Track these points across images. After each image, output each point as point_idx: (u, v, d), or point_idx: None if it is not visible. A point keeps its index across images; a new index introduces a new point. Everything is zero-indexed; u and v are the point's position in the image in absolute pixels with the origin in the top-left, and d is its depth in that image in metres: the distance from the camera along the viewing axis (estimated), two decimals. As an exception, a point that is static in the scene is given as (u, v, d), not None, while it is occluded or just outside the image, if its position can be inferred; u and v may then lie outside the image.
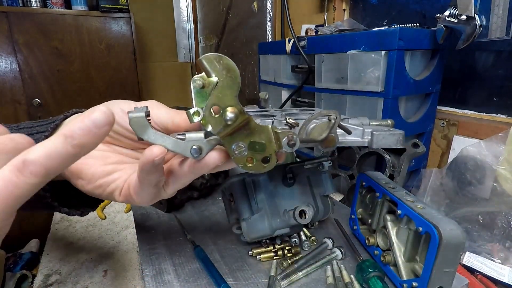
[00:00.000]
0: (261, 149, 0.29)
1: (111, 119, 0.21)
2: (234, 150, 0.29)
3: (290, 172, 0.48)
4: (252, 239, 0.46)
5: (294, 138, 0.29)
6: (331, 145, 0.32)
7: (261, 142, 0.29)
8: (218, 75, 0.27)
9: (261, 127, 0.29)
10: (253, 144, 0.29)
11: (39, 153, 0.18)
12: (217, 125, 0.28)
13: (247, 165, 0.29)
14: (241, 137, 0.28)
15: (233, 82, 0.27)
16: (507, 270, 0.56)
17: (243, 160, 0.29)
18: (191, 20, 2.58)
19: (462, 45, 0.67)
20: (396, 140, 0.34)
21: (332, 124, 0.32)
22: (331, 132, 0.31)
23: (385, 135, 0.34)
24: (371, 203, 0.48)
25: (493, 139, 0.69)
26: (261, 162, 0.29)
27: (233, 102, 0.27)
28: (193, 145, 0.27)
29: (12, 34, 1.72)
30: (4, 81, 1.75)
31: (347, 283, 0.41)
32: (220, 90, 0.27)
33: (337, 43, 0.80)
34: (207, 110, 0.27)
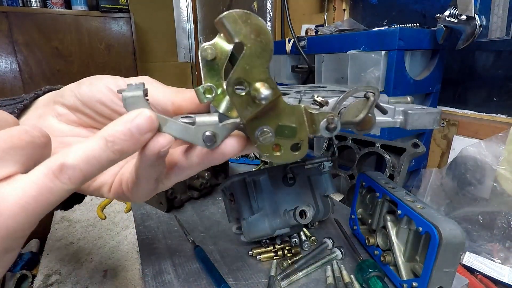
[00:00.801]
0: (291, 134, 0.24)
1: (156, 125, 0.19)
2: (258, 136, 0.23)
3: (291, 172, 0.48)
4: (252, 239, 0.46)
5: (335, 121, 0.24)
6: (367, 128, 0.28)
7: (291, 126, 0.24)
8: (245, 40, 0.21)
9: (291, 107, 0.23)
10: (282, 128, 0.24)
11: (78, 157, 0.17)
12: (243, 106, 0.22)
13: (274, 154, 0.24)
14: (267, 120, 0.23)
15: (263, 49, 0.21)
16: (507, 270, 0.56)
17: (268, 148, 0.24)
18: (191, 20, 2.58)
19: (462, 45, 0.67)
20: (433, 120, 0.29)
21: (371, 103, 0.26)
22: (369, 112, 0.26)
23: (421, 114, 0.29)
24: (371, 203, 0.48)
25: (493, 139, 0.69)
26: (289, 149, 0.24)
27: (264, 75, 0.22)
28: (205, 131, 0.22)
29: (12, 34, 1.72)
30: (4, 81, 1.75)
31: (347, 283, 0.41)
32: (248, 60, 0.21)
33: (337, 43, 0.80)
34: (229, 86, 0.21)
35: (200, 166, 0.25)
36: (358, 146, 0.73)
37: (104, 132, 0.18)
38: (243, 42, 0.21)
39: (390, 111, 0.30)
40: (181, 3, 2.60)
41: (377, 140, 0.69)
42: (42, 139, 0.18)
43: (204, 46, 0.22)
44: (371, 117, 0.27)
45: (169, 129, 0.22)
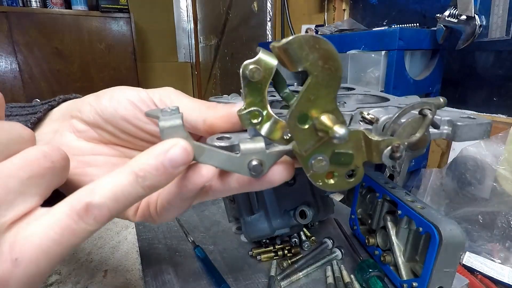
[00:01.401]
0: (347, 161, 0.21)
1: (191, 157, 0.17)
2: (311, 166, 0.21)
3: (290, 172, 0.48)
4: (252, 239, 0.46)
5: (401, 149, 0.21)
6: (422, 147, 0.25)
7: (348, 153, 0.21)
8: (311, 68, 0.18)
9: (349, 133, 0.20)
10: (338, 156, 0.21)
11: (105, 195, 0.15)
12: (306, 140, 0.20)
13: (327, 183, 0.22)
14: (322, 147, 0.21)
15: (332, 77, 0.19)
16: (507, 270, 0.56)
17: (322, 177, 0.22)
18: (191, 20, 2.58)
19: (462, 45, 0.67)
20: (483, 132, 0.26)
21: (428, 121, 0.23)
22: (426, 131, 0.23)
23: (471, 126, 0.26)
24: (371, 203, 0.48)
25: (493, 139, 0.69)
26: (344, 176, 0.22)
27: (331, 106, 0.19)
28: (251, 160, 0.20)
29: (12, 34, 1.72)
30: (4, 81, 1.75)
31: (347, 283, 0.41)
32: (313, 90, 0.19)
33: (337, 43, 0.80)
34: (291, 120, 0.19)
35: (238, 191, 0.23)
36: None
37: (134, 165, 0.16)
38: (308, 70, 0.18)
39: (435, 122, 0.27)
40: (181, 3, 2.61)
41: (377, 140, 0.69)
42: (62, 162, 0.17)
43: (248, 66, 0.19)
44: (426, 135, 0.24)
45: (208, 158, 0.19)
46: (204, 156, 0.19)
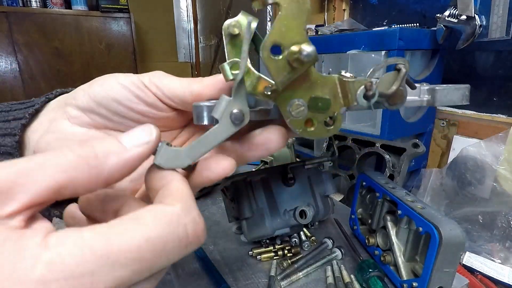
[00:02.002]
0: (325, 106, 0.22)
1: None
2: (290, 111, 0.22)
3: (291, 172, 0.48)
4: (252, 239, 0.46)
5: (373, 88, 0.22)
6: (399, 101, 0.26)
7: (325, 98, 0.22)
8: (282, 0, 0.20)
9: (324, 78, 0.22)
10: (315, 101, 0.22)
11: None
12: (279, 72, 0.20)
13: (307, 130, 0.23)
14: (299, 92, 0.22)
15: (300, 9, 0.20)
16: (507, 270, 0.56)
17: (301, 123, 0.23)
18: (191, 20, 2.58)
19: (462, 45, 0.67)
20: (462, 96, 0.28)
21: (402, 74, 0.25)
22: (401, 84, 0.25)
23: (450, 90, 0.28)
24: (371, 203, 0.48)
25: (493, 139, 0.69)
26: (323, 124, 0.23)
27: (301, 36, 0.20)
28: (232, 109, 0.21)
29: (12, 34, 1.72)
30: (4, 81, 1.75)
31: (347, 283, 0.41)
32: (284, 21, 0.20)
33: (337, 43, 0.80)
34: (264, 50, 0.20)
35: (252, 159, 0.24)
36: (358, 146, 0.73)
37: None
38: (278, 2, 0.20)
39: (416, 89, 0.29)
40: (181, 3, 2.61)
41: (377, 140, 0.69)
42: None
43: (228, 22, 0.21)
44: (403, 90, 0.26)
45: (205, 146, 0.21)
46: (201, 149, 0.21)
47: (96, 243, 0.14)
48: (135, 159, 0.18)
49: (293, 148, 0.76)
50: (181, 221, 0.16)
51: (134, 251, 0.14)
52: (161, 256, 0.15)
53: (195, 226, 0.17)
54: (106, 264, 0.14)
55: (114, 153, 0.17)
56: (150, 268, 0.15)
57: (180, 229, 0.16)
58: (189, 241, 0.17)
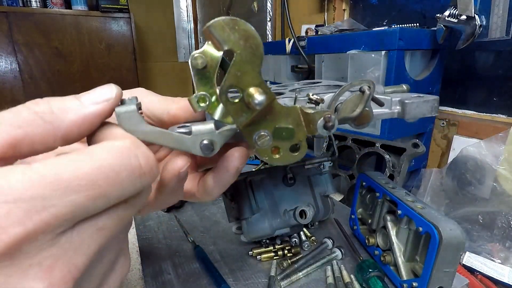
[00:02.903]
0: (289, 135, 0.24)
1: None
2: (256, 141, 0.23)
3: (291, 172, 0.48)
4: (252, 239, 0.46)
5: (332, 119, 0.23)
6: (365, 122, 0.27)
7: (288, 127, 0.24)
8: (234, 47, 0.21)
9: (287, 109, 0.23)
10: (279, 131, 0.24)
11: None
12: (238, 113, 0.22)
13: (273, 157, 0.24)
14: (264, 123, 0.23)
15: (253, 54, 0.21)
16: (507, 270, 0.56)
17: (267, 152, 0.24)
18: (191, 20, 2.58)
19: (462, 45, 0.67)
20: (431, 108, 0.29)
21: (366, 97, 0.26)
22: (366, 106, 0.26)
23: (419, 103, 0.29)
24: (371, 203, 0.48)
25: (493, 139, 0.69)
26: (288, 151, 0.24)
27: (256, 80, 0.21)
28: (203, 140, 0.22)
29: (12, 34, 1.72)
30: (4, 81, 1.75)
31: (347, 283, 0.41)
32: (238, 67, 0.21)
33: (337, 43, 0.80)
34: (222, 94, 0.21)
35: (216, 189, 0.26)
36: (358, 146, 0.73)
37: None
38: (232, 49, 0.21)
39: (386, 102, 0.30)
40: (181, 3, 2.61)
41: (377, 140, 0.69)
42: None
43: (194, 55, 0.21)
44: (368, 111, 0.27)
45: (166, 141, 0.22)
46: (163, 138, 0.22)
47: (45, 171, 0.14)
48: (93, 116, 0.18)
49: (293, 148, 0.76)
50: (132, 152, 0.16)
51: (86, 178, 0.14)
52: (115, 185, 0.15)
53: (147, 157, 0.17)
54: (57, 189, 0.14)
55: (72, 110, 0.18)
56: (105, 196, 0.15)
57: (132, 160, 0.16)
58: (142, 171, 0.16)
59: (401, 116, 0.29)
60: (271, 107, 0.23)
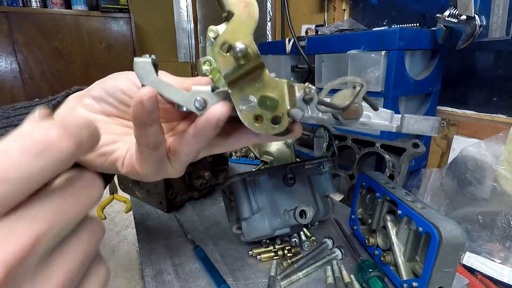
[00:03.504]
0: (272, 105, 0.25)
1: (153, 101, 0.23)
2: (241, 104, 0.25)
3: (291, 172, 0.48)
4: (252, 239, 0.46)
5: (311, 93, 0.25)
6: (353, 117, 0.28)
7: (273, 98, 0.25)
8: (234, 8, 0.24)
9: (275, 81, 0.25)
10: (264, 99, 0.25)
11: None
12: (226, 65, 0.24)
13: (255, 124, 0.26)
14: (251, 89, 0.25)
15: (249, 18, 0.24)
16: (507, 270, 0.56)
17: (250, 117, 0.26)
18: (191, 20, 2.58)
19: (462, 45, 0.67)
20: (430, 127, 0.29)
21: (357, 92, 0.27)
22: (355, 101, 0.27)
23: (418, 119, 0.29)
24: (371, 203, 0.48)
25: (493, 139, 0.69)
26: (270, 122, 0.26)
27: (247, 39, 0.24)
28: (197, 97, 0.25)
29: (12, 34, 1.72)
30: (4, 81, 1.75)
31: (347, 283, 0.41)
32: (234, 25, 0.24)
33: (337, 43, 0.80)
34: (217, 46, 0.24)
35: (195, 138, 0.27)
36: (358, 146, 0.73)
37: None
38: (232, 10, 0.24)
39: (387, 115, 0.30)
40: (181, 3, 2.60)
41: (377, 140, 0.69)
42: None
43: (210, 27, 0.25)
44: (358, 107, 0.28)
45: (167, 92, 0.25)
46: (164, 90, 0.25)
47: None
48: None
49: (293, 148, 0.76)
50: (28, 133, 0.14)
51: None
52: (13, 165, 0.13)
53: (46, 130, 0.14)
54: None
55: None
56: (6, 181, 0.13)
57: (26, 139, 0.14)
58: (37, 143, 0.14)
59: (399, 130, 0.30)
60: (261, 76, 0.25)
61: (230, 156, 0.91)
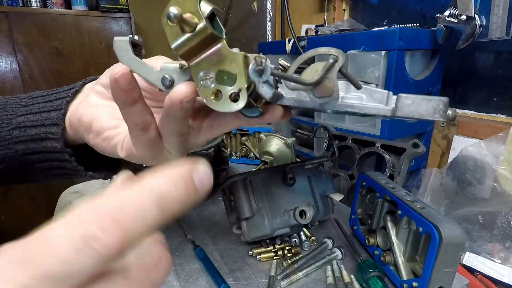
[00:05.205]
0: (230, 80, 0.24)
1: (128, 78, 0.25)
2: (199, 79, 0.24)
3: (291, 172, 0.48)
4: (252, 239, 0.46)
5: (263, 63, 0.23)
6: (326, 94, 0.25)
7: (230, 72, 0.24)
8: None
9: (233, 54, 0.24)
10: (221, 74, 0.24)
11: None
12: (173, 36, 0.23)
13: (213, 100, 0.24)
14: (209, 64, 0.24)
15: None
16: (507, 270, 0.56)
17: (208, 93, 0.24)
18: (191, 20, 2.58)
19: (462, 45, 0.67)
20: (433, 109, 0.24)
21: (329, 65, 0.24)
22: (327, 76, 0.24)
23: (416, 99, 0.24)
24: (371, 203, 0.48)
25: (493, 139, 0.69)
26: (229, 98, 0.24)
27: (193, 8, 0.22)
28: (164, 75, 0.25)
29: (12, 34, 1.72)
30: (4, 81, 1.75)
31: (347, 283, 0.41)
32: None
33: (337, 43, 0.80)
34: (163, 17, 0.23)
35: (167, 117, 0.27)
36: (358, 146, 0.73)
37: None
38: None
39: (383, 95, 0.26)
40: (181, 3, 2.60)
41: (377, 140, 0.69)
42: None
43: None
44: (331, 83, 0.25)
45: (139, 69, 0.26)
46: (137, 68, 0.26)
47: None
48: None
49: (293, 148, 0.76)
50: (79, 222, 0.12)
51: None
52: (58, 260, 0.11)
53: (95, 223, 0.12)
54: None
55: None
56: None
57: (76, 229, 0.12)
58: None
59: (394, 114, 0.25)
60: (219, 49, 0.24)
61: (230, 156, 0.91)
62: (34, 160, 0.36)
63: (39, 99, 0.37)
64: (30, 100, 0.38)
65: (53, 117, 0.35)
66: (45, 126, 0.35)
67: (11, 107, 0.37)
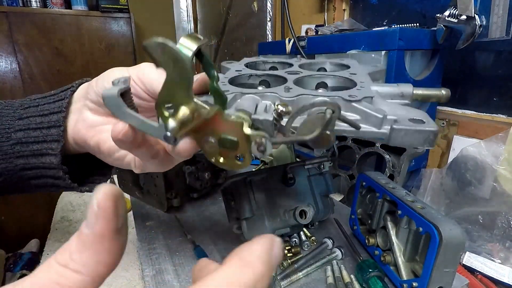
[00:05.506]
0: (233, 147, 0.25)
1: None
2: (203, 145, 0.25)
3: (291, 172, 0.48)
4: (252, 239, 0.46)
5: (263, 143, 0.23)
6: (324, 145, 0.26)
7: (233, 140, 0.24)
8: (165, 67, 0.22)
9: (232, 122, 0.24)
10: (224, 141, 0.25)
11: None
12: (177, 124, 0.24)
13: (219, 161, 0.25)
14: (211, 131, 0.25)
15: (181, 77, 0.22)
16: (507, 270, 0.56)
17: (214, 155, 0.25)
18: (191, 20, 2.58)
19: (462, 45, 0.67)
20: (423, 140, 0.25)
21: (326, 121, 0.24)
22: (325, 129, 0.24)
23: (409, 131, 0.25)
24: (371, 203, 0.48)
25: (493, 139, 0.69)
26: (234, 159, 0.25)
27: (185, 100, 0.22)
28: (166, 133, 0.24)
29: (12, 34, 1.72)
30: (4, 81, 1.75)
31: (347, 283, 0.41)
32: (169, 85, 0.22)
33: (337, 43, 0.80)
34: (158, 108, 0.23)
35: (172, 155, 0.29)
36: (358, 146, 0.73)
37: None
38: (164, 68, 0.22)
39: (376, 120, 0.26)
40: (181, 3, 2.60)
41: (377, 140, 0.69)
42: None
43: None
44: (329, 134, 0.25)
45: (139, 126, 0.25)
46: (135, 123, 0.25)
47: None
48: None
49: (293, 148, 0.76)
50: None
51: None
52: None
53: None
54: None
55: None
56: None
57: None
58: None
59: (387, 141, 0.26)
60: (218, 117, 0.24)
61: (230, 156, 0.90)
62: (31, 176, 0.37)
63: (32, 110, 0.37)
64: (24, 111, 0.37)
65: (53, 134, 0.35)
66: (46, 142, 0.36)
67: (6, 120, 0.37)
